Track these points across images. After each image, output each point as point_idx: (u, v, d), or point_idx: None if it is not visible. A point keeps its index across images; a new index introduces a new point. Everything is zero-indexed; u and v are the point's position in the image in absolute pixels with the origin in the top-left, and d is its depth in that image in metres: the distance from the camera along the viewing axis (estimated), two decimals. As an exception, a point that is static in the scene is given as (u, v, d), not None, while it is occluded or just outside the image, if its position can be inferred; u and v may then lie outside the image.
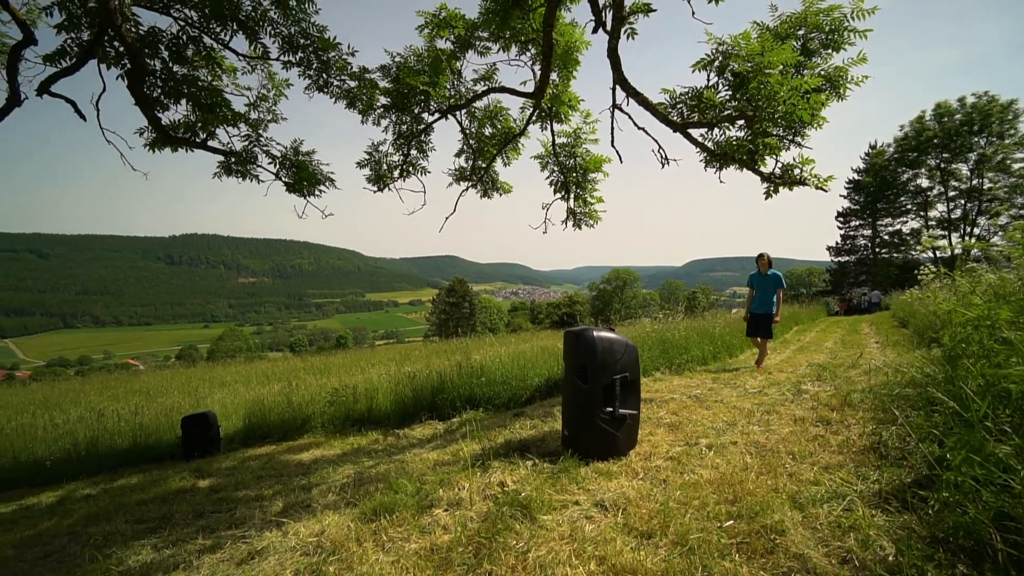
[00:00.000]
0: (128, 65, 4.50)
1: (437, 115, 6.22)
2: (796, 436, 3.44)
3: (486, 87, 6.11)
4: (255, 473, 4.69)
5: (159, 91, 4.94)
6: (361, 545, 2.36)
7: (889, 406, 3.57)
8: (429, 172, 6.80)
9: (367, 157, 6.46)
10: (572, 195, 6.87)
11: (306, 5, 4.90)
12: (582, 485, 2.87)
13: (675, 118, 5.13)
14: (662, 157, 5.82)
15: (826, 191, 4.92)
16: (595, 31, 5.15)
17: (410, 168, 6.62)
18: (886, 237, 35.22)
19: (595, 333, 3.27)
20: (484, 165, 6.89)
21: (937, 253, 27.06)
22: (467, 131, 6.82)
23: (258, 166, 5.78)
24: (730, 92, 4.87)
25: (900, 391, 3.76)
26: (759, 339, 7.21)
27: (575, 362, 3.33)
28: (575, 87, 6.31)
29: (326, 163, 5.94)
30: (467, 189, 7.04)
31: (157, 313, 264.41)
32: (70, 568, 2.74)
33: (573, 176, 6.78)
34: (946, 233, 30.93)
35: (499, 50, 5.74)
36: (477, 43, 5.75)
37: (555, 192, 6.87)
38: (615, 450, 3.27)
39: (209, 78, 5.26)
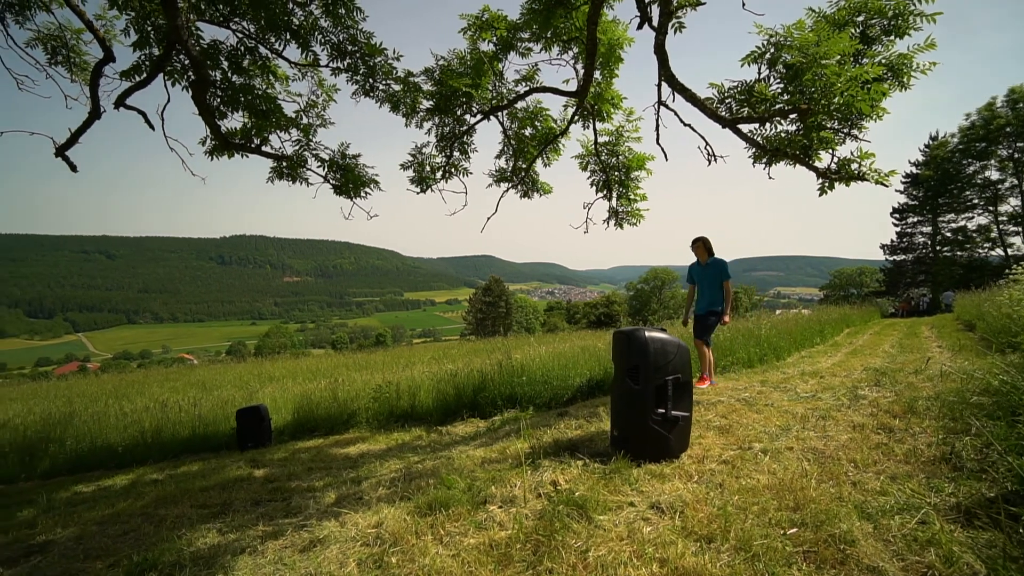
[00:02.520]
0: (192, 77, 4.77)
1: (479, 116, 6.27)
2: (856, 443, 3.28)
3: (528, 87, 6.11)
4: (305, 465, 4.87)
5: (219, 100, 5.23)
6: (420, 538, 2.41)
7: (962, 414, 3.34)
8: (471, 173, 6.87)
9: (411, 159, 6.55)
10: (615, 194, 6.78)
11: (354, 13, 5.04)
12: (635, 486, 2.83)
13: (724, 113, 4.97)
14: (709, 154, 5.66)
15: (887, 186, 4.63)
16: (640, 27, 5.05)
17: (452, 169, 6.70)
18: (948, 234, 32.92)
19: (647, 333, 3.22)
20: (525, 166, 6.89)
21: (1009, 251, 25.06)
22: (508, 132, 6.85)
23: (307, 169, 6.01)
24: (782, 85, 4.68)
25: (974, 399, 3.51)
26: (702, 344, 5.74)
27: (626, 362, 3.29)
28: (616, 84, 6.23)
29: (371, 165, 6.11)
30: (508, 190, 7.06)
31: (209, 310, 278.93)
32: (147, 546, 2.92)
33: (615, 175, 6.69)
34: (1020, 229, 28.60)
35: (541, 50, 5.74)
36: (519, 44, 5.75)
37: (597, 191, 6.79)
38: (667, 452, 3.21)
39: (264, 86, 5.51)
